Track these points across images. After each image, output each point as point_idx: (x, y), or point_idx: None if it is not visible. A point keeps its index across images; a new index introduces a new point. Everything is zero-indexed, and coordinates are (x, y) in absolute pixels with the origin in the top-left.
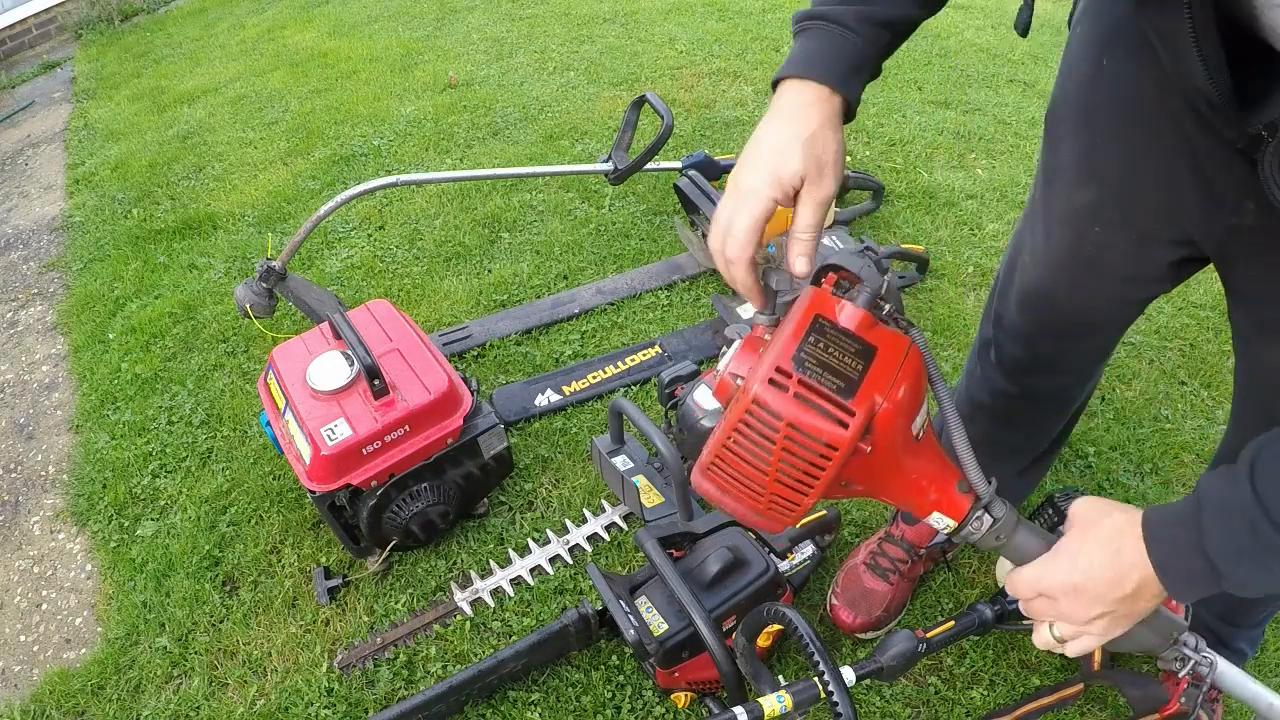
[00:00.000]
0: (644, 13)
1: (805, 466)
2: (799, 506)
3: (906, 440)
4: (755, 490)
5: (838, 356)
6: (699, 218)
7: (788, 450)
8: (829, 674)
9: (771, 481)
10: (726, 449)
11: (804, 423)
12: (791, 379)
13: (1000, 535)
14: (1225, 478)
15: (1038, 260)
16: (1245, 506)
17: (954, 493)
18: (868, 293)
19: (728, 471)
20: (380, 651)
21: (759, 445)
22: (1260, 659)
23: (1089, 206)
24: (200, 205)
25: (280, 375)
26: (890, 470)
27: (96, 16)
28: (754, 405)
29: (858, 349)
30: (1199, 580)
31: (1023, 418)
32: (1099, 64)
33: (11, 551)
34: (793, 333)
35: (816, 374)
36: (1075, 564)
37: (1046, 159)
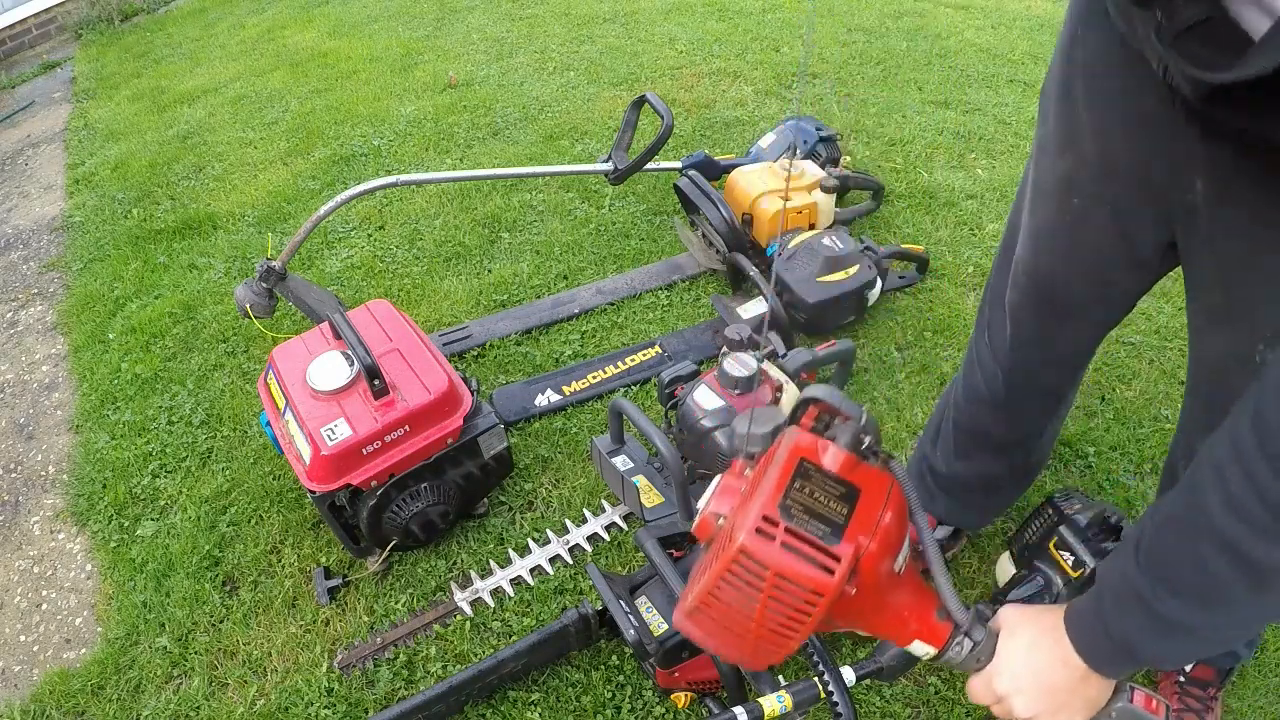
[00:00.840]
0: (644, 13)
1: (791, 613)
2: (784, 648)
3: (889, 577)
4: (740, 635)
5: (823, 501)
6: (699, 218)
7: (774, 598)
8: (829, 674)
9: (757, 627)
10: (712, 595)
11: (791, 571)
12: (779, 528)
13: (980, 658)
14: (1116, 558)
15: (1026, 234)
16: (1134, 584)
17: (933, 621)
18: (849, 433)
19: (713, 616)
20: (380, 651)
21: (744, 593)
22: (1260, 659)
23: (1067, 177)
24: (200, 205)
25: (280, 375)
26: (873, 606)
27: (96, 16)
28: (741, 555)
29: (842, 492)
30: (1118, 660)
31: (1012, 406)
32: (1075, 34)
33: (11, 551)
34: (778, 478)
35: (803, 521)
36: (1017, 667)
37: (1038, 133)
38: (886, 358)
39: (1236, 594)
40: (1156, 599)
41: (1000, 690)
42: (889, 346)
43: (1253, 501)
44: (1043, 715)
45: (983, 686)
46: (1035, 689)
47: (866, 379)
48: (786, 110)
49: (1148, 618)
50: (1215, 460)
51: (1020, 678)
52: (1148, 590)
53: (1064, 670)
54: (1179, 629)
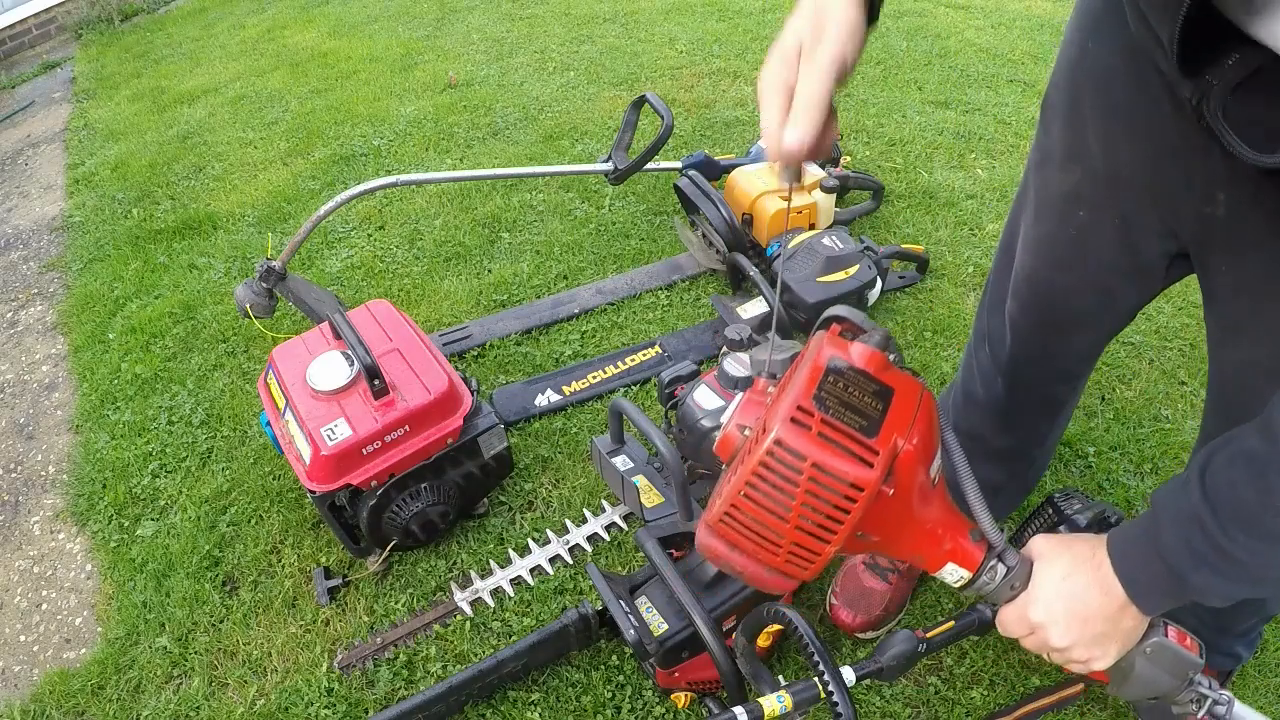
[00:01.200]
0: (644, 13)
1: (829, 510)
2: (819, 557)
3: (924, 485)
4: (773, 542)
5: (858, 396)
6: (699, 218)
7: (811, 493)
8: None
9: (792, 529)
10: (744, 497)
11: (828, 463)
12: (814, 417)
13: (1015, 584)
14: (1177, 485)
15: (1027, 244)
16: (1195, 510)
17: (968, 542)
18: (880, 335)
19: (743, 523)
20: (380, 651)
21: (780, 489)
22: (1260, 658)
23: (1074, 188)
24: (200, 205)
25: (280, 375)
26: (907, 517)
27: (96, 16)
28: (776, 446)
29: (876, 389)
30: (1163, 588)
31: (1012, 415)
32: (1084, 46)
33: (11, 551)
34: (810, 374)
35: (839, 412)
36: (1051, 595)
37: (1040, 141)
38: None
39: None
40: (1219, 528)
41: (1035, 619)
42: None
43: None
44: (1077, 645)
45: (1015, 617)
46: (1071, 617)
47: None
48: None
49: (1207, 545)
50: None
51: (1055, 606)
52: (1210, 519)
53: (1102, 598)
54: (1234, 561)
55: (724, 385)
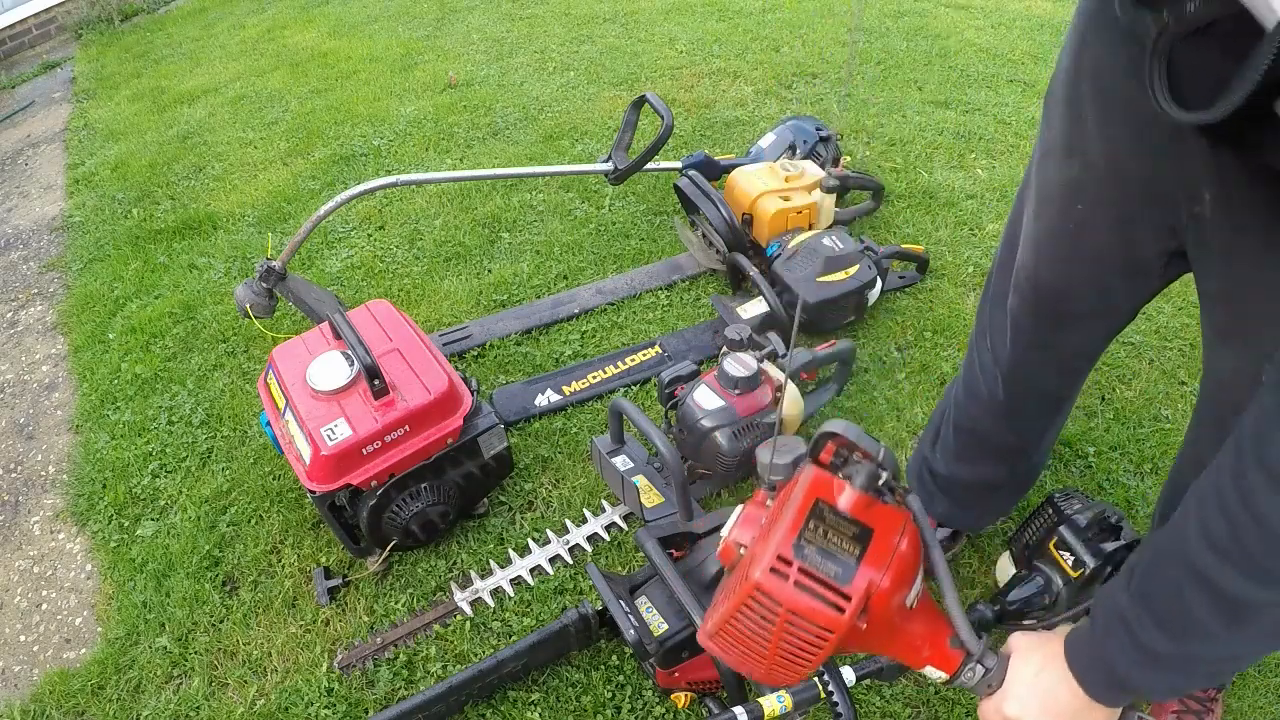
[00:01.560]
0: (644, 13)
1: (804, 645)
2: (799, 674)
3: (900, 611)
4: (757, 659)
5: (836, 542)
6: (699, 218)
7: (787, 632)
8: (829, 674)
9: (772, 654)
10: (730, 624)
11: (803, 609)
12: (792, 567)
13: (992, 684)
14: (1110, 588)
15: (1028, 240)
16: (1121, 611)
17: (946, 649)
18: (865, 473)
19: (732, 641)
20: (380, 651)
21: (760, 626)
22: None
23: (1072, 183)
24: (200, 205)
25: (280, 375)
26: (884, 638)
27: (96, 16)
28: (756, 591)
29: (855, 533)
30: (1112, 688)
31: (1013, 411)
32: (1083, 40)
33: (11, 551)
34: (794, 518)
35: (816, 561)
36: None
37: (1042, 135)
38: (886, 358)
39: (1213, 627)
40: (1140, 628)
41: (1010, 714)
42: (889, 346)
43: (1224, 531)
44: None
45: (993, 710)
46: (1043, 712)
47: (866, 379)
48: (787, 110)
49: (1133, 647)
50: (1198, 490)
51: (1029, 702)
52: (1133, 619)
53: (1069, 696)
54: (1162, 660)
55: (724, 385)
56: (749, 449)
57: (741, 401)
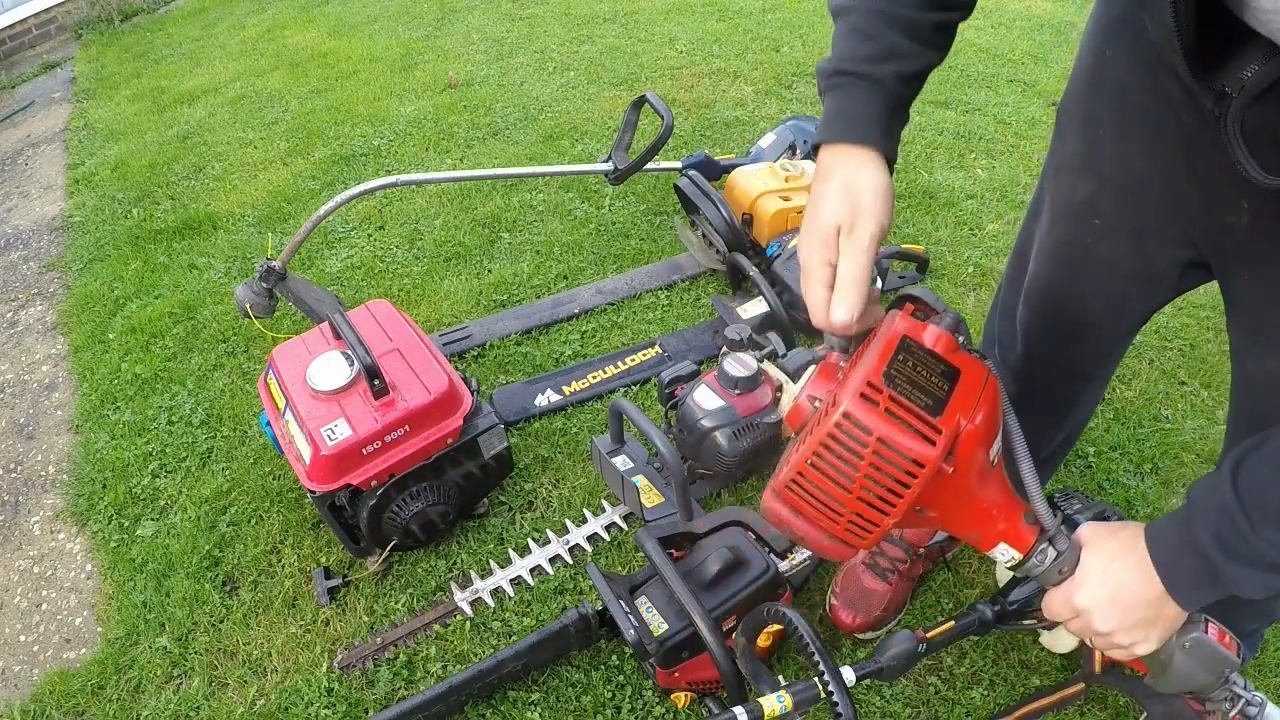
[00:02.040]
0: (644, 13)
1: (890, 484)
2: (877, 528)
3: (983, 465)
4: (835, 511)
5: (925, 375)
6: (699, 218)
7: (875, 466)
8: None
9: (854, 500)
10: (810, 465)
11: (893, 438)
12: (882, 394)
13: (1063, 569)
14: (1210, 481)
15: (1042, 252)
16: (1228, 507)
17: (1021, 524)
18: (951, 317)
19: (808, 490)
20: (380, 651)
21: (846, 461)
22: (1260, 658)
23: (1089, 198)
24: (200, 205)
25: (280, 375)
26: (965, 496)
27: (96, 16)
28: (844, 419)
29: (944, 370)
30: (1200, 581)
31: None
32: (1102, 54)
33: (11, 551)
34: (882, 351)
35: (906, 390)
36: (1095, 582)
37: (1055, 150)
38: None
39: None
40: (1250, 525)
41: (1080, 604)
42: None
43: None
44: (1119, 631)
45: (1061, 601)
46: (1114, 604)
47: None
48: (787, 110)
49: (1239, 542)
50: None
51: (1100, 592)
52: (1241, 516)
53: (1143, 586)
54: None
55: (724, 385)
56: (749, 449)
57: (741, 401)
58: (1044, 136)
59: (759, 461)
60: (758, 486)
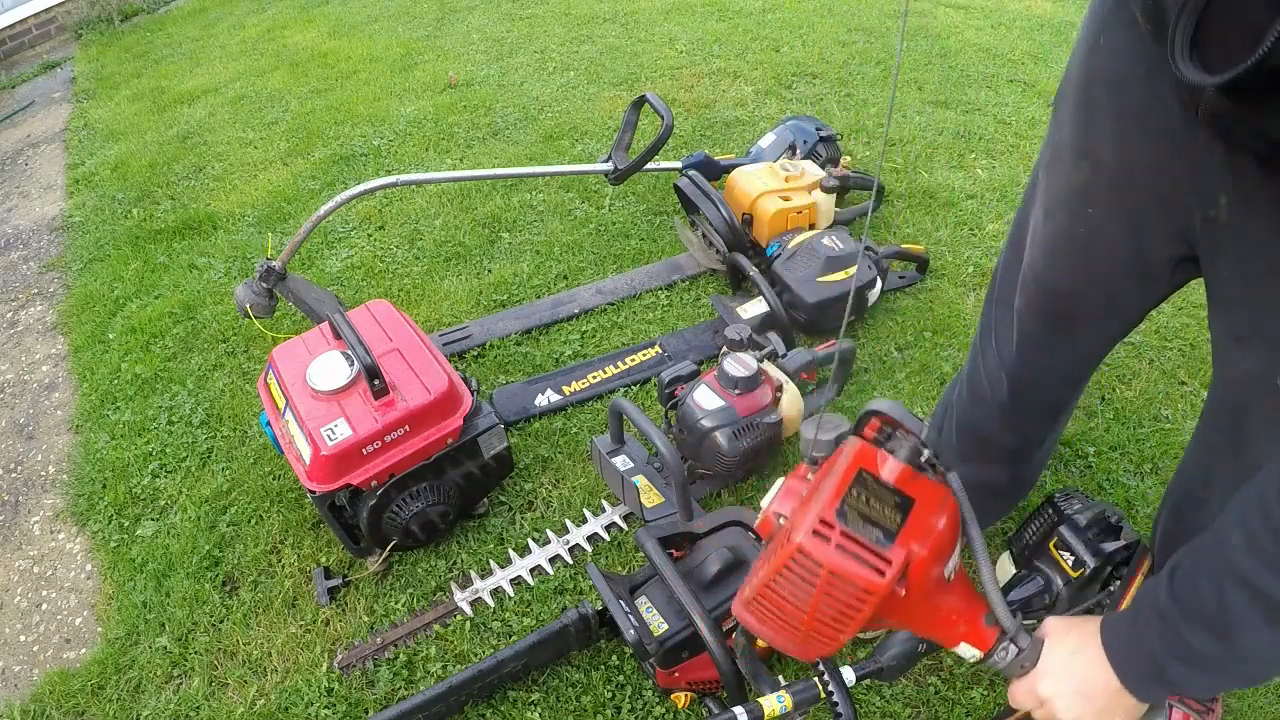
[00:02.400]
0: (644, 13)
1: (842, 608)
2: (834, 641)
3: (938, 582)
4: (794, 627)
5: (878, 509)
6: (699, 218)
7: (827, 594)
8: (829, 674)
9: (810, 620)
10: (769, 588)
11: (843, 570)
12: (834, 530)
13: (1025, 664)
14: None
15: (1036, 242)
16: (1162, 610)
17: (981, 626)
18: (909, 446)
19: (770, 607)
20: (380, 651)
21: (799, 588)
22: None
23: (1084, 186)
24: (200, 205)
25: (280, 375)
26: (920, 609)
27: (96, 16)
28: (798, 553)
29: (897, 501)
30: (1148, 678)
31: (1017, 413)
32: (1096, 42)
33: (11, 551)
34: (837, 485)
35: (858, 525)
36: (1059, 673)
37: (1051, 138)
38: (886, 358)
39: (1254, 628)
40: (1183, 627)
41: (1043, 694)
42: (889, 346)
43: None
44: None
45: (1025, 691)
46: (1077, 694)
47: (866, 379)
48: (787, 110)
49: (1176, 644)
50: (1242, 498)
51: (1063, 682)
52: (1175, 618)
53: (1104, 677)
54: (1203, 659)
55: (724, 385)
56: (749, 449)
57: (741, 401)
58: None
59: (759, 461)
60: (758, 486)
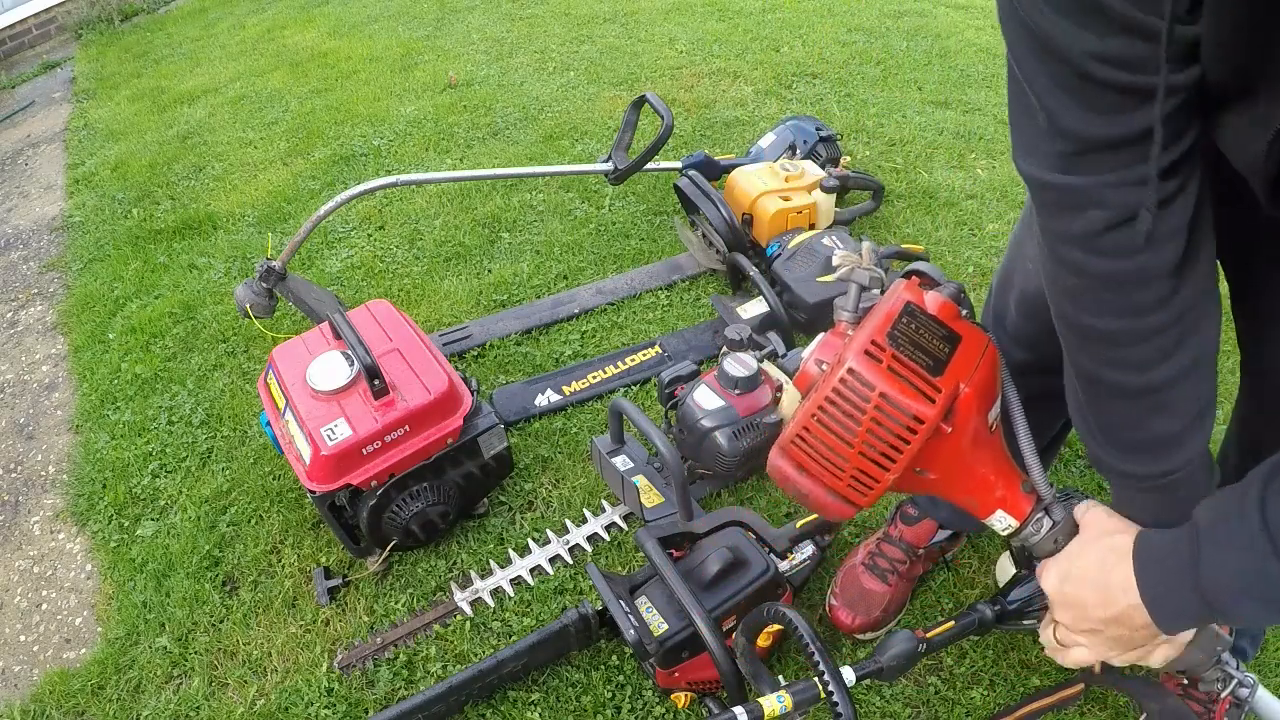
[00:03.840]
0: (644, 13)
1: (891, 439)
2: (878, 484)
3: (982, 429)
4: (837, 466)
5: (927, 338)
6: (699, 218)
7: (876, 421)
8: (829, 674)
9: (856, 454)
10: (814, 420)
11: (894, 395)
12: (886, 353)
13: (1058, 539)
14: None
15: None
16: (1252, 541)
17: (1018, 492)
18: (954, 287)
19: (812, 445)
20: (380, 651)
21: (848, 415)
22: (1260, 659)
23: None
24: (200, 205)
25: (280, 375)
26: (963, 458)
27: (96, 16)
28: (849, 375)
29: (945, 334)
30: (1189, 614)
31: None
32: None
33: (11, 551)
34: (886, 314)
35: (908, 351)
36: (1068, 576)
37: None
38: None
39: None
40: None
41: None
42: None
43: None
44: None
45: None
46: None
47: None
48: (787, 110)
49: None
50: None
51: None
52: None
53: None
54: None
55: (724, 385)
56: (749, 449)
57: (741, 401)
58: None
59: (759, 461)
60: (758, 486)
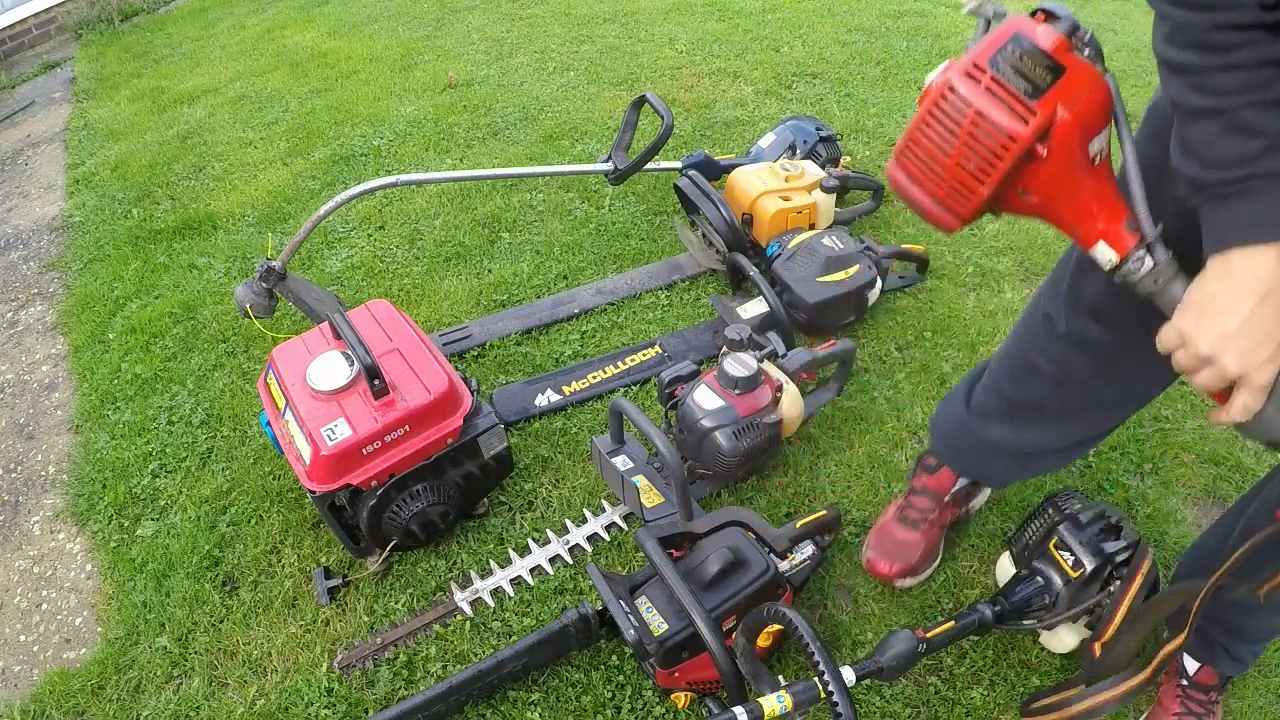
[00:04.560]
0: (644, 13)
1: (985, 154)
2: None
3: (1082, 159)
4: (938, 174)
5: (1030, 66)
6: (699, 218)
7: (971, 136)
8: (829, 674)
9: (954, 166)
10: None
11: (989, 113)
12: (985, 74)
13: (1158, 279)
14: None
15: None
16: None
17: (1121, 227)
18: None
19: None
20: (380, 651)
21: (947, 129)
22: (1260, 660)
23: None
24: (200, 205)
25: (280, 375)
26: (1063, 185)
27: (96, 16)
28: (949, 91)
29: (1049, 65)
30: None
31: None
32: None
33: (11, 551)
34: (994, 40)
35: (1008, 75)
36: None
37: None
38: (886, 358)
39: None
40: None
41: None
42: (889, 346)
43: None
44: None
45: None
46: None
47: (866, 379)
48: (787, 110)
49: None
50: None
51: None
52: None
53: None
54: None
55: (724, 385)
56: (749, 449)
57: (741, 401)
58: None
59: (759, 461)
60: (758, 486)
